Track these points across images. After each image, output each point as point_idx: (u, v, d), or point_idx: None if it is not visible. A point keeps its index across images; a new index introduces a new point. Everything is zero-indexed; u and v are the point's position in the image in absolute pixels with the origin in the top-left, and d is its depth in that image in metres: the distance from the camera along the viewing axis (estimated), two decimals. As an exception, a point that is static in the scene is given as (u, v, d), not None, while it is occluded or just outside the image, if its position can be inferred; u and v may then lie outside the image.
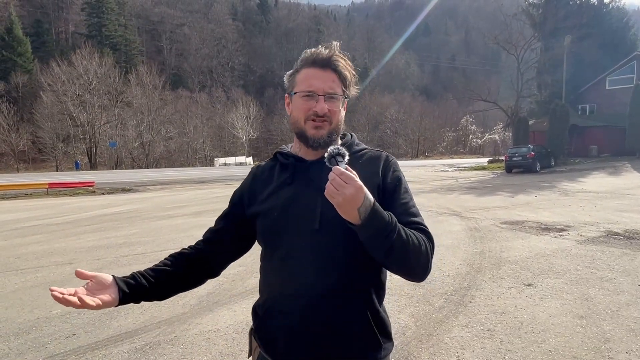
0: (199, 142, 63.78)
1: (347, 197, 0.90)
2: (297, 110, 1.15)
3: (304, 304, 1.07)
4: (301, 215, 1.10)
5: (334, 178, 0.91)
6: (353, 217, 0.94)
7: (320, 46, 1.17)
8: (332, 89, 1.13)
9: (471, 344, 3.08)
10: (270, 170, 1.23)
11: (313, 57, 1.15)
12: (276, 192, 1.17)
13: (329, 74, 1.13)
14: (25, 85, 58.06)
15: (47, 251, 6.60)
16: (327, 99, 1.12)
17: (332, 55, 1.14)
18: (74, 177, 28.21)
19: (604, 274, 4.65)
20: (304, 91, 1.13)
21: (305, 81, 1.13)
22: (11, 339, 3.37)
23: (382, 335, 1.12)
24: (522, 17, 32.73)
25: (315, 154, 1.15)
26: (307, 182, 1.13)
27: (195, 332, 3.42)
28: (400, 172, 1.18)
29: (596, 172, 20.14)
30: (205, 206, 12.11)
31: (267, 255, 1.18)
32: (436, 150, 77.34)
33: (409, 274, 1.05)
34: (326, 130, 1.13)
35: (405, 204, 1.11)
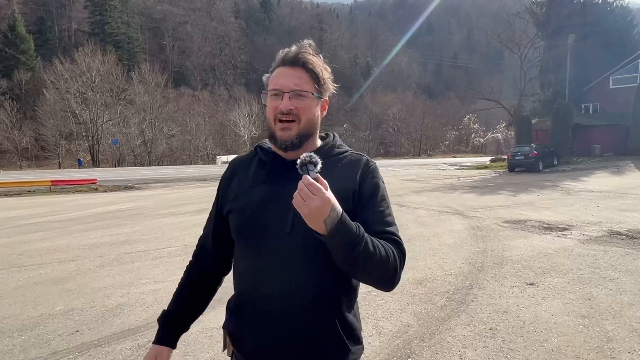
0: (201, 140, 63.79)
1: (313, 209, 0.89)
2: (268, 109, 1.13)
3: (270, 306, 1.07)
4: (274, 217, 1.08)
5: (302, 188, 0.90)
6: (319, 228, 0.92)
7: (294, 45, 1.14)
8: (298, 85, 1.09)
9: (473, 343, 3.08)
10: (248, 164, 1.21)
11: (283, 56, 1.13)
12: (251, 189, 1.14)
13: (297, 71, 1.10)
14: (28, 82, 58.13)
15: (50, 248, 6.63)
16: (292, 96, 1.08)
17: (299, 53, 1.11)
18: (76, 174, 28.28)
19: (607, 273, 4.65)
20: (271, 90, 1.11)
21: (273, 80, 1.12)
22: (15, 336, 3.39)
23: (349, 339, 1.10)
24: (526, 15, 32.63)
25: (294, 154, 1.10)
26: (283, 182, 1.10)
27: (198, 329, 3.43)
28: (379, 179, 1.15)
29: (599, 171, 20.08)
30: (207, 204, 12.11)
31: (239, 252, 1.17)
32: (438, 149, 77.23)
33: (375, 284, 1.05)
34: (294, 131, 1.10)
35: (380, 212, 1.09)
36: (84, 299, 4.20)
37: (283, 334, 1.06)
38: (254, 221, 1.10)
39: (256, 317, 1.09)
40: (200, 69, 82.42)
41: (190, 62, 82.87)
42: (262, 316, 1.08)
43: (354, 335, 1.12)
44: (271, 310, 1.07)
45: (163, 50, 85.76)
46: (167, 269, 5.28)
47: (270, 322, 1.07)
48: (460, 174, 23.90)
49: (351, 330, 1.12)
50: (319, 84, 1.13)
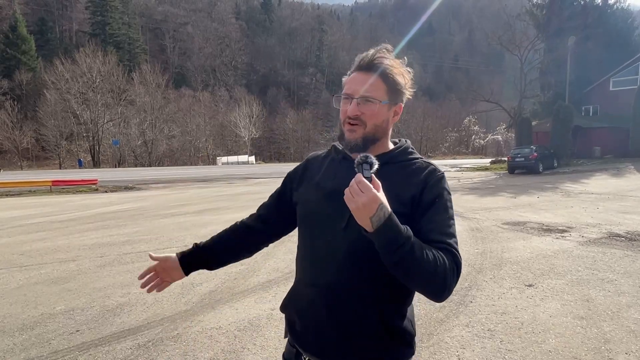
0: (201, 141, 63.88)
1: (360, 205, 0.93)
2: (340, 112, 1.19)
3: (318, 295, 1.14)
4: (333, 212, 1.13)
5: (352, 185, 0.95)
6: (366, 224, 0.96)
7: (372, 49, 1.18)
8: (368, 92, 1.12)
9: (471, 344, 3.10)
10: (322, 160, 1.29)
11: (359, 60, 1.17)
12: (319, 183, 1.22)
13: (369, 76, 1.13)
14: (29, 83, 58.26)
15: (51, 248, 6.64)
16: (360, 101, 1.12)
17: (375, 58, 1.14)
18: (77, 174, 28.32)
19: (605, 275, 4.66)
20: (342, 94, 1.18)
21: (346, 84, 1.18)
22: (16, 335, 3.40)
23: (393, 339, 1.11)
24: (526, 17, 32.63)
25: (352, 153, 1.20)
26: (346, 180, 1.11)
27: (198, 329, 3.45)
28: (444, 188, 1.14)
29: (599, 173, 20.09)
30: (207, 204, 12.15)
31: (300, 240, 1.26)
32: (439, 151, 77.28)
33: (422, 290, 1.04)
34: (359, 133, 1.14)
35: (439, 221, 1.08)
36: (84, 299, 4.22)
37: (326, 323, 1.13)
38: (316, 213, 1.19)
39: (305, 305, 1.18)
40: (200, 69, 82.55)
41: (191, 63, 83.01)
42: (310, 304, 1.16)
43: (399, 337, 1.12)
44: (318, 300, 1.14)
45: (164, 51, 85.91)
46: (167, 269, 5.29)
47: (316, 311, 1.14)
48: (460, 175, 23.91)
49: (397, 331, 1.12)
50: (392, 89, 1.15)
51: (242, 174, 28.89)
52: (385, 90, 1.14)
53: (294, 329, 1.21)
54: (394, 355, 1.13)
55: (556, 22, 29.61)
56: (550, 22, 30.20)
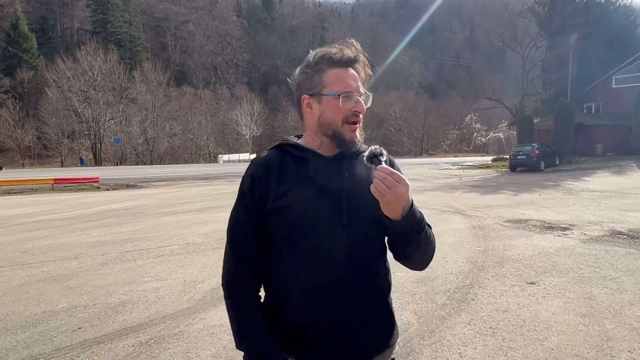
0: (202, 139, 63.90)
1: (399, 196, 0.96)
2: (333, 111, 1.13)
3: (337, 297, 1.09)
4: (328, 210, 1.10)
5: (385, 177, 0.95)
6: (396, 213, 0.99)
7: (337, 45, 1.15)
8: (362, 88, 1.15)
9: (473, 341, 3.10)
10: (280, 163, 1.16)
11: (340, 57, 1.13)
12: (296, 186, 1.12)
13: (354, 73, 1.15)
14: (30, 81, 58.30)
15: (53, 246, 6.66)
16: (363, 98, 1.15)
17: (359, 55, 1.15)
18: (78, 172, 28.34)
19: (607, 272, 4.65)
20: (343, 92, 1.11)
21: (341, 82, 1.12)
22: (18, 332, 3.41)
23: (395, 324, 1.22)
24: (528, 15, 32.54)
25: (332, 150, 1.16)
26: (329, 177, 1.12)
27: (200, 326, 3.46)
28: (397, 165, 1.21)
29: (601, 171, 20.04)
30: (209, 202, 12.16)
31: (287, 251, 1.12)
32: (440, 149, 77.15)
33: (422, 263, 1.14)
34: (356, 131, 1.16)
35: None
36: (86, 297, 4.23)
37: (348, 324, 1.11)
38: (305, 218, 1.10)
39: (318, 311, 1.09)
40: (202, 67, 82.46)
41: (192, 61, 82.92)
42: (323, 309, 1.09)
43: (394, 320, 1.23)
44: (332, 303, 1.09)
45: (165, 49, 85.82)
46: (169, 267, 5.30)
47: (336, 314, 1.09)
48: (461, 173, 23.88)
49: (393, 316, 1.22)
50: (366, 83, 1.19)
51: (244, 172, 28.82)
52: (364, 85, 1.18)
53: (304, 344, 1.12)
54: (394, 337, 1.21)
55: (558, 20, 29.51)
56: (552, 20, 30.11)
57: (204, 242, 6.57)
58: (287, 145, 1.20)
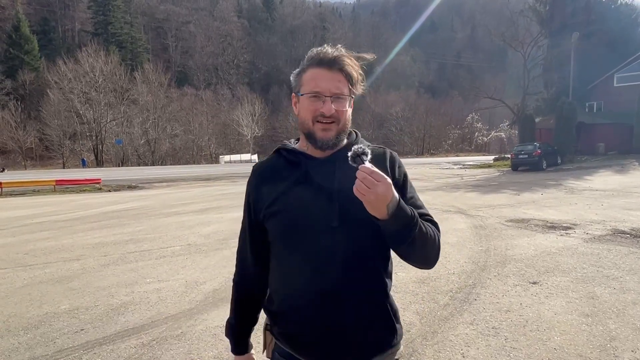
0: (204, 140, 63.96)
1: (379, 195, 0.93)
2: (305, 111, 1.14)
3: (331, 301, 1.09)
4: (319, 213, 1.09)
5: (365, 177, 0.93)
6: (381, 213, 0.97)
7: (325, 45, 1.16)
8: (339, 89, 1.12)
9: (476, 342, 3.09)
10: (273, 168, 1.20)
11: (319, 57, 1.13)
12: (289, 190, 1.13)
13: (335, 73, 1.12)
14: (32, 82, 58.47)
15: (55, 247, 6.67)
16: (333, 99, 1.11)
17: (339, 55, 1.13)
18: (80, 174, 28.39)
19: (610, 272, 4.64)
20: (310, 92, 1.12)
21: (312, 81, 1.12)
22: (20, 334, 3.42)
23: (396, 321, 1.19)
24: (529, 13, 32.48)
25: (323, 152, 1.16)
26: (320, 179, 1.12)
27: (202, 327, 3.45)
28: (404, 167, 1.22)
29: (603, 170, 19.99)
30: (210, 203, 12.17)
31: (284, 254, 1.16)
32: (442, 148, 76.99)
33: (425, 262, 1.12)
34: (334, 131, 1.13)
35: (412, 197, 1.17)
36: (88, 298, 4.24)
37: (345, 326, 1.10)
38: (298, 221, 1.11)
39: (310, 314, 1.11)
40: (203, 68, 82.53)
41: (193, 62, 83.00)
42: (317, 312, 1.10)
43: (397, 316, 1.20)
44: (328, 305, 1.09)
45: (166, 50, 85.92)
46: (171, 268, 5.31)
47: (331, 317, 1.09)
48: (463, 173, 23.86)
49: (395, 312, 1.20)
50: (352, 85, 1.16)
51: (245, 173, 28.90)
52: (348, 86, 1.14)
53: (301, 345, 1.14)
54: (397, 335, 1.19)
55: (559, 18, 29.45)
56: (554, 19, 30.05)
57: (205, 243, 6.57)
58: (283, 149, 1.22)
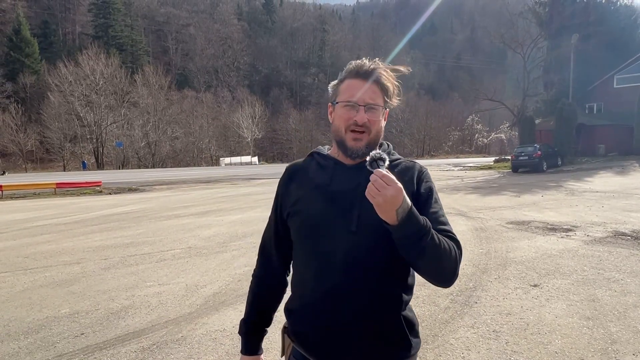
0: (204, 142, 63.99)
1: (388, 198, 0.95)
2: (339, 119, 1.18)
3: (336, 303, 1.11)
4: (338, 217, 1.12)
5: (376, 179, 0.96)
6: (391, 218, 0.97)
7: (364, 58, 1.20)
8: (373, 99, 1.15)
9: (477, 345, 3.08)
10: (306, 170, 1.25)
11: (356, 69, 1.17)
12: (314, 192, 1.18)
13: (370, 85, 1.16)
14: (32, 85, 58.57)
15: (56, 251, 6.67)
16: (367, 109, 1.14)
17: (375, 67, 1.17)
18: (81, 177, 28.42)
19: (611, 274, 4.63)
20: (345, 101, 1.16)
21: (347, 91, 1.16)
22: (21, 338, 3.41)
23: (411, 334, 1.17)
24: (529, 15, 32.55)
25: (353, 160, 1.19)
26: (345, 184, 1.16)
27: (202, 332, 3.45)
28: (432, 183, 1.22)
29: (603, 171, 19.98)
30: (211, 206, 12.16)
31: (302, 253, 1.21)
32: (442, 150, 77.07)
33: (436, 277, 1.09)
34: (365, 141, 1.16)
35: (435, 212, 1.15)
36: (89, 302, 4.23)
37: (349, 331, 1.11)
38: (318, 223, 1.15)
39: (322, 316, 1.13)
40: (203, 71, 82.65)
41: (194, 64, 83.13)
42: (331, 315, 1.11)
43: (414, 330, 1.20)
44: (340, 309, 1.11)
45: (166, 52, 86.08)
46: (171, 271, 5.30)
47: (335, 320, 1.11)
48: (463, 174, 23.85)
49: (412, 325, 1.19)
50: (387, 96, 1.19)
51: (246, 175, 28.91)
52: (382, 98, 1.18)
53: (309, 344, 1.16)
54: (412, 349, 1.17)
55: (559, 20, 29.49)
56: (553, 20, 30.09)
57: (205, 246, 6.57)
58: (316, 153, 1.28)
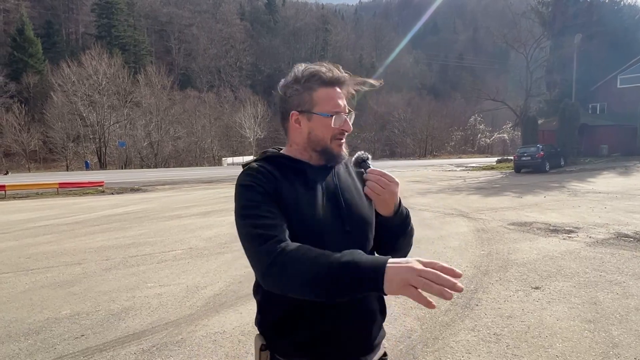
0: (207, 142, 64.07)
1: (394, 193, 1.09)
2: (323, 128, 1.16)
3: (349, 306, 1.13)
4: (329, 220, 1.13)
5: (379, 178, 1.08)
6: (389, 210, 1.13)
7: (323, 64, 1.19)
8: (348, 106, 1.21)
9: (477, 348, 3.07)
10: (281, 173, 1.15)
11: (330, 77, 1.16)
12: (299, 198, 1.12)
13: (342, 92, 1.20)
14: (36, 85, 58.79)
15: (57, 251, 6.69)
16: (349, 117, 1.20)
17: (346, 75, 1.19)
18: (83, 176, 28.49)
19: (613, 277, 4.60)
20: (332, 112, 1.16)
21: (329, 101, 1.16)
22: (21, 340, 3.42)
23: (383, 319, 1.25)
24: (531, 15, 32.45)
25: (319, 160, 1.20)
26: (324, 186, 1.17)
27: (202, 333, 3.45)
28: None
29: (606, 172, 19.89)
30: (213, 206, 12.17)
31: None
32: (444, 150, 76.90)
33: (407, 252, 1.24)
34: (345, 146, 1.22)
35: None
36: (89, 303, 4.24)
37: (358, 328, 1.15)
38: (314, 228, 1.12)
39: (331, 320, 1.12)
40: (206, 70, 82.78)
41: (196, 64, 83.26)
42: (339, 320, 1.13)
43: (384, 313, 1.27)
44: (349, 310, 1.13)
45: (169, 52, 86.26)
46: (173, 272, 5.31)
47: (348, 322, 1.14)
48: (466, 175, 23.79)
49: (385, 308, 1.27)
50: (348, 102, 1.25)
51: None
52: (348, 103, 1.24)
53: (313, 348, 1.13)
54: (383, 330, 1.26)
55: (562, 20, 29.40)
56: (556, 20, 29.99)
57: (207, 247, 6.58)
58: (280, 157, 1.21)
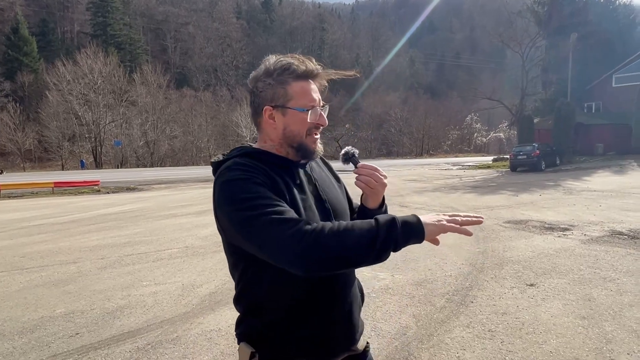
0: (203, 141, 63.92)
1: (385, 186, 1.17)
2: (299, 124, 1.12)
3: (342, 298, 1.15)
4: (318, 213, 1.12)
5: (373, 173, 1.14)
6: (377, 202, 1.22)
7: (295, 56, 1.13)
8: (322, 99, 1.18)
9: (472, 345, 3.08)
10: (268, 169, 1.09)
11: (304, 70, 1.11)
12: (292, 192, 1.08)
13: (315, 86, 1.16)
14: (31, 84, 58.49)
15: (52, 250, 6.66)
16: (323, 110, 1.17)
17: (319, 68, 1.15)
18: (79, 176, 28.37)
19: (608, 274, 4.63)
20: (308, 106, 1.11)
21: (305, 95, 1.11)
22: (15, 338, 3.40)
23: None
24: (527, 14, 32.56)
25: (295, 156, 1.16)
26: (307, 182, 1.17)
27: (197, 331, 3.44)
28: None
29: (602, 170, 20.00)
30: (209, 205, 12.12)
31: None
32: (441, 149, 77.06)
33: None
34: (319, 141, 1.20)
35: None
36: (84, 302, 4.22)
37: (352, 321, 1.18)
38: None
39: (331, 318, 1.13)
40: (202, 69, 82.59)
41: (192, 63, 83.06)
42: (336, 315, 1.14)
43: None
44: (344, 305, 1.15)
45: (165, 51, 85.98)
46: (168, 270, 5.29)
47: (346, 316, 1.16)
48: (462, 173, 23.86)
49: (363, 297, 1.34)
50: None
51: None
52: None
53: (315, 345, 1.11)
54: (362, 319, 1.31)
55: (557, 19, 29.49)
56: (552, 19, 30.09)
57: (203, 246, 6.57)
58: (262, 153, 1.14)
